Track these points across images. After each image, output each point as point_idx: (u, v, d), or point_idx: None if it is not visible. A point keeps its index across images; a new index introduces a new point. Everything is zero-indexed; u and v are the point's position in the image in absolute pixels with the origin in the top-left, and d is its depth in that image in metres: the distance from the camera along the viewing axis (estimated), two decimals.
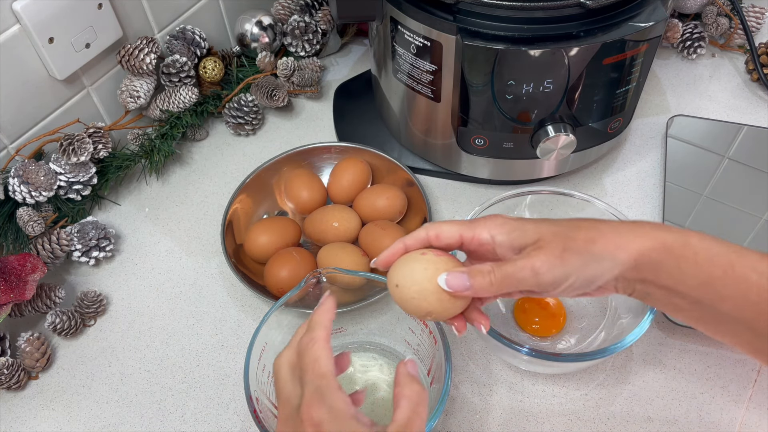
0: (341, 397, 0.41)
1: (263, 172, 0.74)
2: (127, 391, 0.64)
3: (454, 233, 0.46)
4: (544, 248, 0.42)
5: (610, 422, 0.60)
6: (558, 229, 0.43)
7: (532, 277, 0.42)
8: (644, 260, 0.42)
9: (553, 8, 0.58)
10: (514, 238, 0.44)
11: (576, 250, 0.42)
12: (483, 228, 0.45)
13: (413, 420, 0.41)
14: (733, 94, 0.85)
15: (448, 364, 0.51)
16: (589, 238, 0.42)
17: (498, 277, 0.43)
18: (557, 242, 0.42)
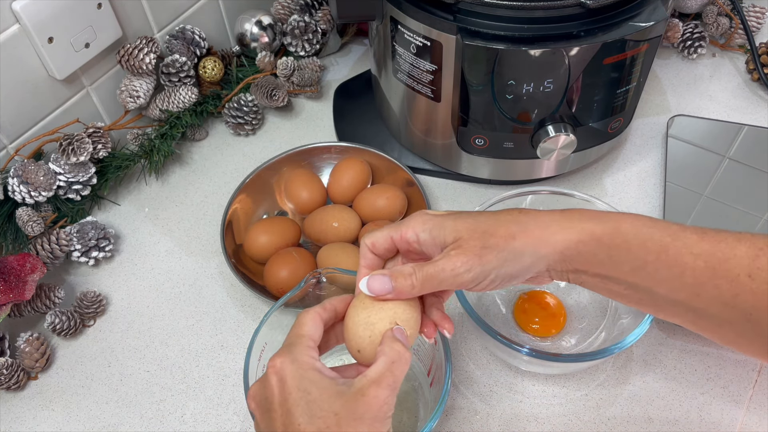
0: (308, 353, 0.42)
1: (263, 172, 0.74)
2: (126, 391, 0.63)
3: (385, 238, 0.46)
4: (463, 247, 0.42)
5: (610, 423, 0.59)
6: (477, 226, 0.42)
7: (452, 278, 0.42)
8: (571, 253, 0.42)
9: (553, 8, 0.57)
10: (435, 236, 0.43)
11: (495, 248, 0.41)
12: (408, 228, 0.45)
13: (385, 376, 0.40)
14: (734, 93, 0.85)
15: (448, 364, 0.51)
16: (509, 233, 0.42)
17: (419, 278, 0.43)
18: (475, 240, 0.42)
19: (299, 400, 0.39)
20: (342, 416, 0.38)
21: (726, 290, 0.39)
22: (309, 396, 0.39)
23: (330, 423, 0.38)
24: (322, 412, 0.39)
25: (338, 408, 0.38)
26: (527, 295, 0.66)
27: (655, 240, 0.41)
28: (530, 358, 0.56)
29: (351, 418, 0.38)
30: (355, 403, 0.39)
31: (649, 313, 0.44)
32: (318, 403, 0.39)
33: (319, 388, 0.39)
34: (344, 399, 0.39)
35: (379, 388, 0.39)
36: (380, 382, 0.39)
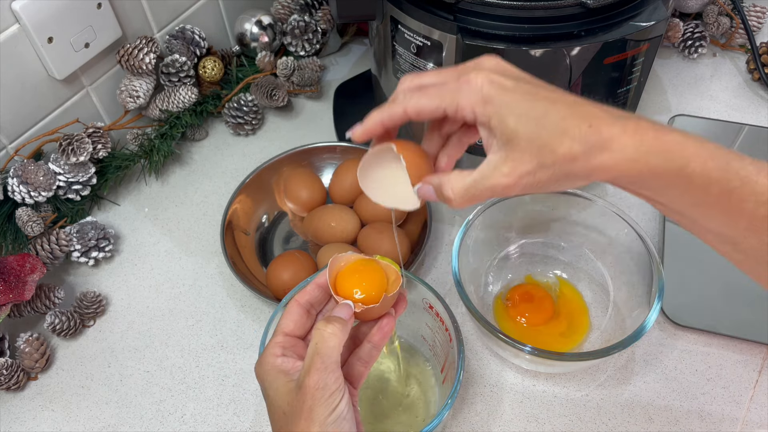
0: (270, 352, 0.44)
1: (263, 172, 0.74)
2: (126, 391, 0.63)
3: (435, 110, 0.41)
4: (517, 162, 0.38)
5: (611, 423, 0.59)
6: (540, 133, 0.38)
7: (502, 193, 0.40)
8: (624, 180, 0.39)
9: (553, 7, 0.57)
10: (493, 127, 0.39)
11: (551, 167, 0.38)
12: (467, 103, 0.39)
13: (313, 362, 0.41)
14: (734, 93, 0.85)
15: (461, 361, 0.52)
16: (571, 155, 0.37)
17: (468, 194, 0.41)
18: (532, 155, 0.38)
19: (267, 401, 0.43)
20: (288, 414, 0.41)
21: None
22: (269, 398, 0.43)
23: (282, 423, 0.42)
24: (276, 413, 0.42)
25: (285, 406, 0.41)
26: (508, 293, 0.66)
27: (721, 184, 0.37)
28: (532, 356, 0.56)
29: (293, 414, 0.41)
30: (296, 399, 0.41)
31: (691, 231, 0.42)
32: (274, 403, 0.42)
33: (273, 389, 0.42)
34: (290, 396, 0.41)
35: (309, 376, 0.41)
36: (308, 370, 0.41)
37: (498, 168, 0.39)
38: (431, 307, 0.57)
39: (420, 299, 0.58)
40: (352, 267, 0.47)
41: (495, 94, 0.39)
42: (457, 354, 0.53)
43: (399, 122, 0.43)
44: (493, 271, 0.68)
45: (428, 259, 0.71)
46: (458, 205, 0.42)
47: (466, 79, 0.39)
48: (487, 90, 0.39)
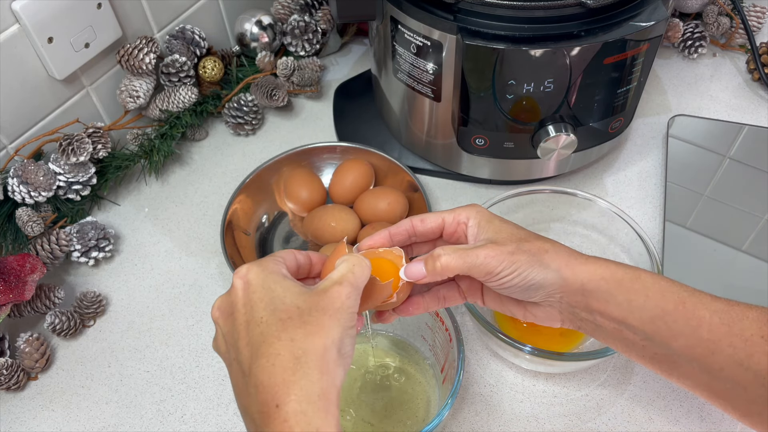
0: (275, 261, 0.42)
1: (263, 172, 0.74)
2: (126, 391, 0.63)
3: (437, 218, 0.49)
4: (499, 244, 0.45)
5: (611, 423, 0.59)
6: (517, 234, 0.46)
7: (483, 264, 0.44)
8: (591, 286, 0.44)
9: (553, 8, 0.57)
10: (482, 227, 0.47)
11: (527, 252, 0.44)
12: (462, 212, 0.48)
13: (346, 276, 0.41)
14: (734, 93, 0.85)
15: (461, 361, 0.52)
16: (543, 248, 0.45)
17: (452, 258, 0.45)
18: (512, 243, 0.45)
19: (263, 296, 0.40)
20: (304, 309, 0.39)
21: (740, 349, 0.41)
22: (272, 293, 0.40)
23: (293, 314, 0.39)
24: (284, 305, 0.39)
25: (300, 302, 0.39)
26: None
27: (673, 291, 0.43)
28: (532, 356, 0.56)
29: (313, 309, 0.39)
30: (317, 298, 0.40)
31: (663, 375, 0.46)
32: (281, 298, 0.40)
33: (282, 286, 0.40)
34: (307, 296, 0.40)
35: (341, 286, 0.40)
36: (341, 281, 0.41)
37: (484, 245, 0.46)
38: None
39: None
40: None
41: (486, 212, 0.48)
42: (457, 354, 0.53)
43: (404, 233, 0.49)
44: None
45: None
46: (446, 261, 0.45)
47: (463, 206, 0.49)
48: (480, 209, 0.48)
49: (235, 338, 0.40)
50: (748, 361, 0.40)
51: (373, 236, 0.49)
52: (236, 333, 0.40)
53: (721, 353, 0.41)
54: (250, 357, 0.38)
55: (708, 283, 0.66)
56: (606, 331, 0.45)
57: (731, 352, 0.41)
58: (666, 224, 0.71)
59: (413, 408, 0.59)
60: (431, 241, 0.51)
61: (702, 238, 0.69)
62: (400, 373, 0.61)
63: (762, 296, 0.65)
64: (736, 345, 0.41)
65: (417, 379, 0.60)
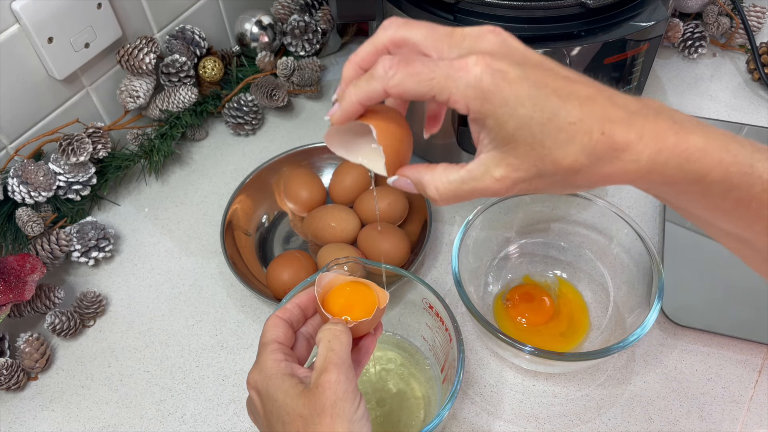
0: (272, 357, 0.42)
1: (263, 172, 0.74)
2: (126, 391, 0.63)
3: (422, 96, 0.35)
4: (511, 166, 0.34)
5: (611, 423, 0.59)
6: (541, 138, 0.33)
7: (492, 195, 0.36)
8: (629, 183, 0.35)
9: (553, 8, 0.57)
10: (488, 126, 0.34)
11: (550, 177, 0.34)
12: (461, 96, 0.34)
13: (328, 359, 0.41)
14: (734, 93, 0.85)
15: (461, 361, 0.52)
16: (575, 167, 0.33)
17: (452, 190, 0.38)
18: (530, 163, 0.34)
19: (272, 408, 0.41)
20: (306, 416, 0.39)
21: None
22: (276, 402, 0.41)
23: (299, 426, 0.39)
24: (289, 416, 0.40)
25: (301, 409, 0.40)
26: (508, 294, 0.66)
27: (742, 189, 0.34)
28: (532, 356, 0.56)
29: (314, 415, 0.39)
30: (313, 399, 0.40)
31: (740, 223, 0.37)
32: (284, 408, 0.40)
33: (282, 392, 0.41)
34: (305, 398, 0.40)
35: (328, 373, 0.40)
36: (326, 367, 0.40)
37: (490, 171, 0.35)
38: (431, 307, 0.57)
39: (420, 299, 0.58)
40: (341, 291, 0.47)
41: (495, 88, 0.33)
42: (457, 354, 0.53)
43: (379, 101, 0.37)
44: (493, 271, 0.68)
45: (428, 259, 0.71)
46: (442, 204, 0.39)
47: (463, 65, 0.33)
48: (487, 83, 0.33)
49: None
50: None
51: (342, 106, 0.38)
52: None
53: None
54: None
55: (708, 283, 0.66)
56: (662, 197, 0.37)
57: None
58: (666, 224, 0.71)
59: (413, 408, 0.59)
60: None
61: (702, 238, 0.69)
62: (400, 373, 0.61)
63: (762, 296, 0.65)
64: None
65: (417, 379, 0.60)
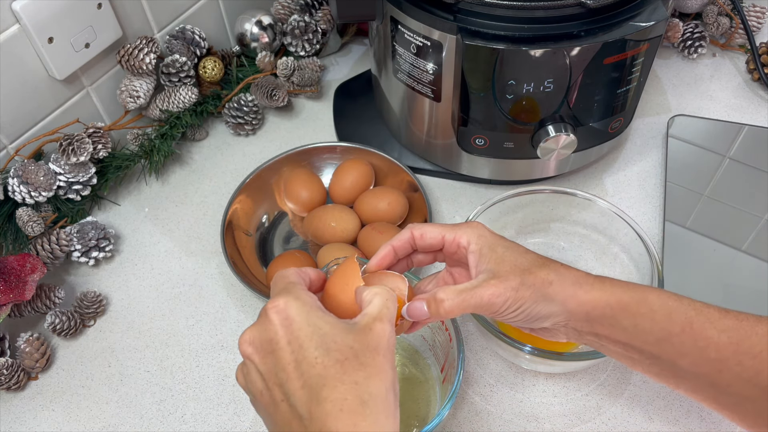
0: (308, 293, 0.42)
1: (263, 172, 0.74)
2: (126, 391, 0.63)
3: (437, 234, 0.49)
4: (502, 278, 0.44)
5: (611, 422, 0.59)
6: (521, 263, 0.45)
7: (487, 305, 0.44)
8: (596, 313, 0.44)
9: (553, 8, 0.57)
10: (484, 254, 0.46)
11: (531, 287, 0.44)
12: (464, 234, 0.47)
13: (383, 312, 0.41)
14: (734, 93, 0.85)
15: (461, 361, 0.52)
16: (548, 279, 0.44)
17: (455, 303, 0.44)
18: (515, 276, 0.44)
19: (312, 334, 0.39)
20: (357, 348, 0.39)
21: (749, 367, 0.40)
22: (321, 330, 0.39)
23: (348, 354, 0.38)
24: (336, 344, 0.38)
25: (351, 341, 0.39)
26: None
27: (680, 312, 0.42)
28: (532, 356, 0.56)
29: (367, 349, 0.39)
30: (366, 337, 0.39)
31: (669, 386, 0.46)
32: (331, 336, 0.39)
33: (328, 323, 0.40)
34: (354, 333, 0.39)
35: (383, 323, 0.41)
36: (381, 317, 0.41)
37: (486, 281, 0.44)
38: None
39: None
40: None
41: (488, 234, 0.47)
42: (457, 354, 0.53)
43: (406, 244, 0.49)
44: None
45: None
46: (449, 306, 0.44)
47: (466, 223, 0.48)
48: (482, 230, 0.47)
49: (282, 379, 0.38)
50: (756, 378, 0.40)
51: (379, 254, 0.49)
52: (283, 373, 0.38)
53: (729, 371, 0.41)
54: (309, 401, 0.37)
55: (708, 283, 0.66)
56: (611, 350, 0.45)
57: (739, 370, 0.41)
58: (666, 224, 0.71)
59: (413, 408, 0.59)
60: (432, 252, 0.51)
61: (702, 238, 0.69)
62: (400, 373, 0.61)
63: (762, 296, 0.65)
64: (744, 363, 0.40)
65: (417, 379, 0.60)
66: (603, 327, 0.44)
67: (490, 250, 0.46)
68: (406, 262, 0.52)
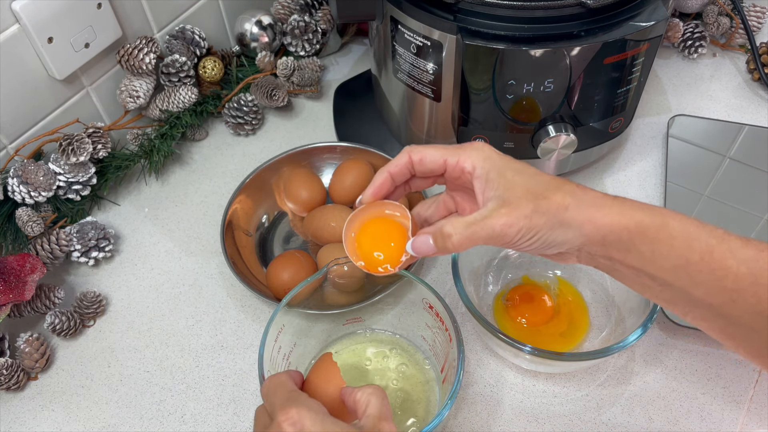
0: (316, 401, 0.42)
1: (263, 172, 0.74)
2: (126, 391, 0.63)
3: (438, 158, 0.45)
4: (513, 206, 0.41)
5: (611, 423, 0.59)
6: (533, 187, 0.42)
7: (500, 236, 0.42)
8: (613, 237, 0.41)
9: (553, 8, 0.57)
10: (491, 179, 0.43)
11: (546, 213, 0.41)
12: (468, 158, 0.44)
13: (383, 412, 0.41)
14: (734, 93, 0.85)
15: (461, 361, 0.52)
16: (563, 204, 0.41)
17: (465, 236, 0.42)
18: (528, 202, 0.41)
19: None
20: None
21: (765, 299, 0.39)
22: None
23: None
24: None
25: None
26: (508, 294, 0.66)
27: (701, 240, 0.40)
28: (532, 356, 0.56)
29: None
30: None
31: (675, 313, 0.44)
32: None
33: (340, 427, 0.40)
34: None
35: (388, 422, 0.41)
36: (384, 417, 0.41)
37: (496, 210, 0.41)
38: (431, 307, 0.57)
39: (420, 299, 0.58)
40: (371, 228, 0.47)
41: (495, 155, 0.43)
42: (457, 354, 0.53)
43: (404, 170, 0.46)
44: (493, 271, 0.68)
45: (428, 259, 0.71)
46: (458, 241, 0.42)
47: (469, 144, 0.45)
48: (489, 152, 0.44)
49: None
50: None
51: (375, 182, 0.47)
52: None
53: (744, 302, 0.39)
54: None
55: None
56: (623, 274, 0.43)
57: (754, 301, 0.39)
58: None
59: (413, 408, 0.59)
60: (432, 177, 0.48)
61: None
62: (400, 373, 0.61)
63: None
64: (760, 295, 0.39)
65: (417, 379, 0.60)
66: (618, 252, 0.42)
67: (499, 174, 0.42)
68: (403, 188, 0.49)
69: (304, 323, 0.61)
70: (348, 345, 0.63)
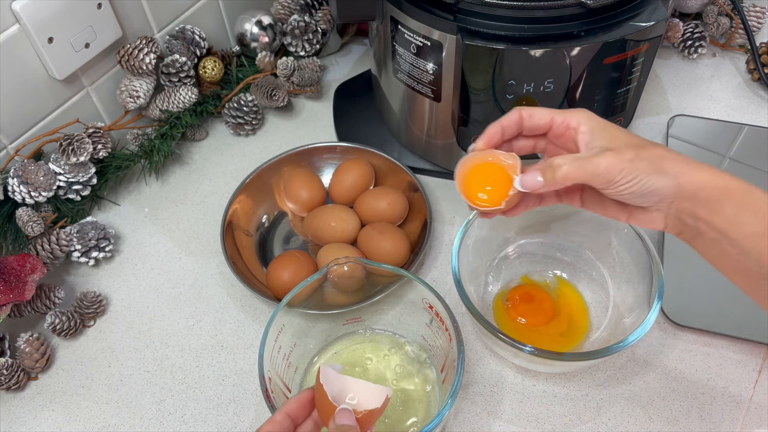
0: None
1: (263, 172, 0.74)
2: (126, 391, 0.63)
3: (545, 115, 0.49)
4: (617, 151, 0.44)
5: (611, 423, 0.59)
6: (634, 141, 0.46)
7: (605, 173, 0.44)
8: (703, 194, 0.43)
9: (553, 8, 0.57)
10: (595, 134, 0.46)
11: (646, 159, 0.44)
12: (573, 115, 0.48)
13: None
14: (734, 93, 0.85)
15: (461, 362, 0.52)
16: (661, 155, 0.44)
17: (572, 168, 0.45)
18: (630, 150, 0.44)
19: None
20: None
21: None
22: None
23: None
24: None
25: None
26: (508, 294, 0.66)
27: None
28: (532, 356, 0.56)
29: None
30: None
31: (742, 286, 0.45)
32: None
33: None
34: None
35: None
36: None
37: (602, 152, 0.45)
38: (431, 307, 0.57)
39: (420, 299, 0.58)
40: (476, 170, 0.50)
41: (598, 117, 0.48)
42: (457, 354, 0.53)
43: (513, 125, 0.50)
44: (493, 271, 0.68)
45: (428, 259, 0.71)
46: (566, 171, 0.45)
47: (572, 108, 0.49)
48: (591, 114, 0.48)
49: None
50: None
51: (488, 132, 0.50)
52: None
53: None
54: None
55: (708, 283, 0.66)
56: (706, 239, 0.45)
57: None
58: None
59: (413, 408, 0.59)
60: (534, 137, 0.51)
61: None
62: (399, 373, 0.61)
63: None
64: None
65: (417, 378, 0.60)
66: (706, 210, 0.43)
67: (602, 129, 0.46)
68: (507, 147, 0.52)
69: (304, 323, 0.61)
70: (348, 345, 0.63)
